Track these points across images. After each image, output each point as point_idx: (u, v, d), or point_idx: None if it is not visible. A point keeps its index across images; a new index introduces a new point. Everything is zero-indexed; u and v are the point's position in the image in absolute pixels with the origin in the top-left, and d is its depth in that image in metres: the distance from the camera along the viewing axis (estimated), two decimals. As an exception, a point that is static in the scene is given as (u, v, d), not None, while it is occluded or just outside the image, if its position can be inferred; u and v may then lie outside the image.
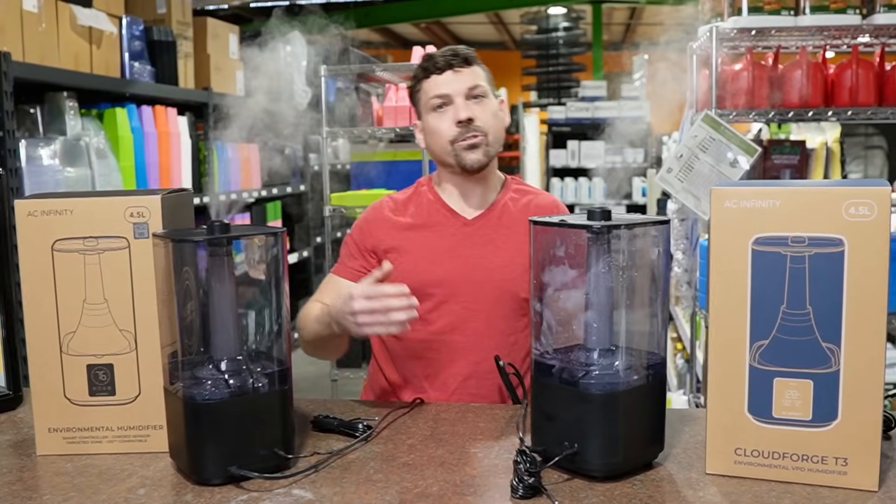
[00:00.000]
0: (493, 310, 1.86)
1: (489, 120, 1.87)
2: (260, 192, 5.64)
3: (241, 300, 1.37)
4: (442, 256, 1.89)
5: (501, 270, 1.87)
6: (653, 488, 1.27)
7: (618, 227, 1.28)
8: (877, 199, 1.20)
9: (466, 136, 1.84)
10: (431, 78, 1.89)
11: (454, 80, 1.87)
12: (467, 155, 1.85)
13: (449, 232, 1.91)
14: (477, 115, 1.85)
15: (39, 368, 1.46)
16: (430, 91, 1.89)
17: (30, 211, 1.42)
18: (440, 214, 1.93)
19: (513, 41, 14.22)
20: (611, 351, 1.33)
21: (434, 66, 1.88)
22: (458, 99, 1.86)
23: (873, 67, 2.95)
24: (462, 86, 1.86)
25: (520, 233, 1.89)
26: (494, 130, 1.89)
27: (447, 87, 1.87)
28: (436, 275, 1.87)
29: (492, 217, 1.93)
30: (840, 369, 1.24)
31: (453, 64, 1.87)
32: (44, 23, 3.67)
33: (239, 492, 1.28)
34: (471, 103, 1.86)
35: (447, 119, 1.86)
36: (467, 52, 1.90)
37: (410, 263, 1.88)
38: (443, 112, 1.87)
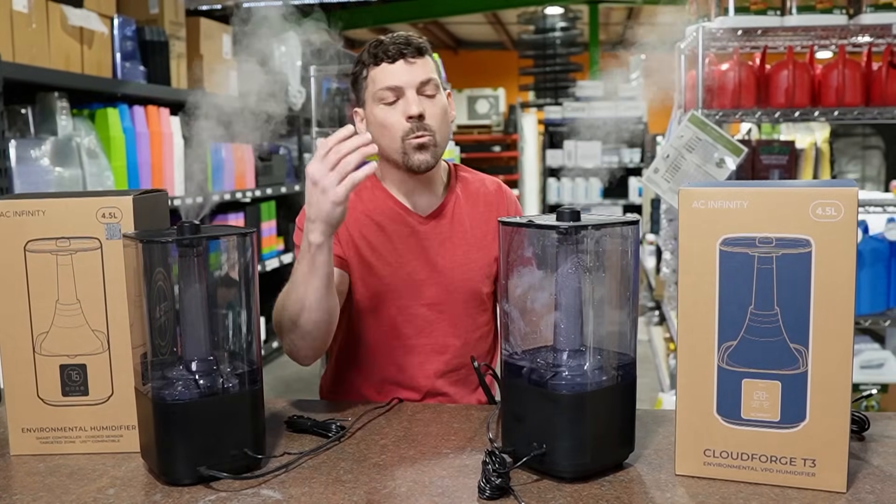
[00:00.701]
0: (457, 309, 1.84)
1: (439, 118, 1.78)
2: (254, 192, 5.65)
3: (211, 301, 1.37)
4: (403, 259, 1.83)
5: (461, 269, 1.84)
6: (621, 489, 1.27)
7: (586, 227, 1.28)
8: (843, 199, 1.20)
9: (417, 133, 1.74)
10: (381, 66, 1.76)
11: (406, 72, 1.75)
12: (415, 156, 1.75)
13: (406, 233, 1.84)
14: (428, 111, 1.76)
15: (12, 369, 1.46)
16: (380, 81, 1.75)
17: (2, 211, 1.42)
18: (394, 213, 1.84)
19: (510, 41, 14.22)
20: (580, 352, 1.33)
21: (385, 54, 1.75)
22: (410, 92, 1.74)
23: (860, 67, 2.95)
24: (414, 78, 1.75)
25: (473, 227, 1.87)
26: (443, 130, 1.79)
27: (398, 78, 1.74)
28: (399, 279, 1.82)
29: (446, 213, 1.87)
30: (808, 370, 1.24)
31: (406, 54, 1.75)
32: (34, 23, 3.67)
33: (208, 492, 1.28)
34: (422, 98, 1.76)
35: (397, 113, 1.75)
36: (420, 42, 1.78)
37: (371, 268, 1.82)
38: (392, 106, 1.75)
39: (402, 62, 1.75)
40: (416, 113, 1.73)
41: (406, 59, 1.75)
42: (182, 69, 4.85)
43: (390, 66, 1.75)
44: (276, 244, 6.06)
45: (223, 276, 1.40)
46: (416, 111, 1.73)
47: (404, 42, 1.76)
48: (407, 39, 1.77)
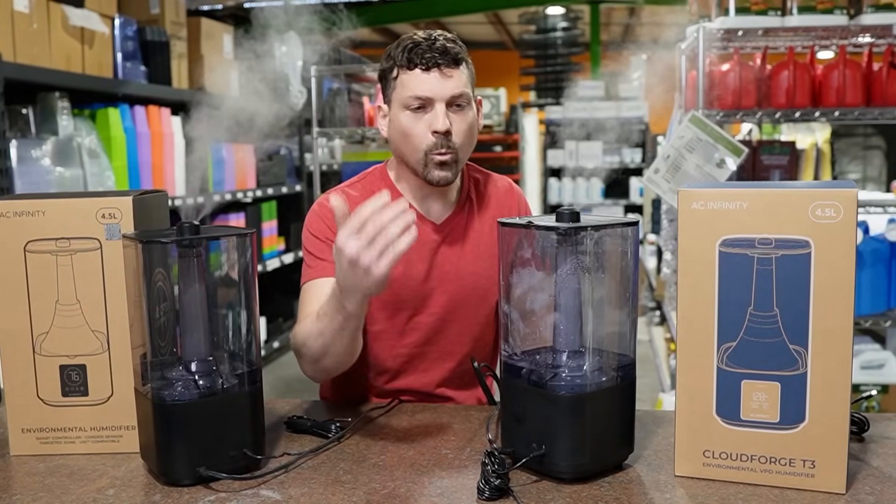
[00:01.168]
0: (465, 317, 1.81)
1: (465, 134, 1.71)
2: (255, 192, 5.65)
3: (211, 301, 1.37)
4: (413, 268, 1.77)
5: (471, 278, 1.80)
6: (620, 490, 1.27)
7: (585, 228, 1.28)
8: (843, 200, 1.20)
9: (440, 149, 1.68)
10: (414, 72, 1.67)
11: (439, 84, 1.66)
12: (436, 171, 1.70)
13: (421, 240, 1.66)
14: (455, 128, 1.69)
15: (12, 369, 1.46)
16: (410, 88, 1.67)
17: (2, 212, 1.42)
18: None
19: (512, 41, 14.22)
20: (579, 353, 1.33)
21: (421, 59, 1.66)
22: (439, 106, 1.67)
23: (861, 68, 2.95)
24: (446, 91, 1.67)
25: (485, 232, 1.83)
26: (467, 146, 1.74)
27: (430, 90, 1.66)
28: (409, 290, 1.77)
29: (459, 222, 1.82)
30: (807, 371, 1.24)
31: (441, 64, 1.66)
32: (35, 23, 3.68)
33: (207, 492, 1.28)
34: (451, 112, 1.69)
35: (423, 124, 1.68)
36: (458, 51, 1.69)
37: None
38: (419, 115, 1.68)
39: (436, 72, 1.67)
40: (444, 130, 1.66)
41: (441, 70, 1.67)
42: (183, 69, 4.85)
43: (424, 74, 1.67)
44: (277, 244, 6.06)
45: (223, 277, 1.40)
46: (443, 128, 1.66)
47: (441, 50, 1.67)
48: (445, 48, 1.67)
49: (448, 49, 1.67)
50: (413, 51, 1.67)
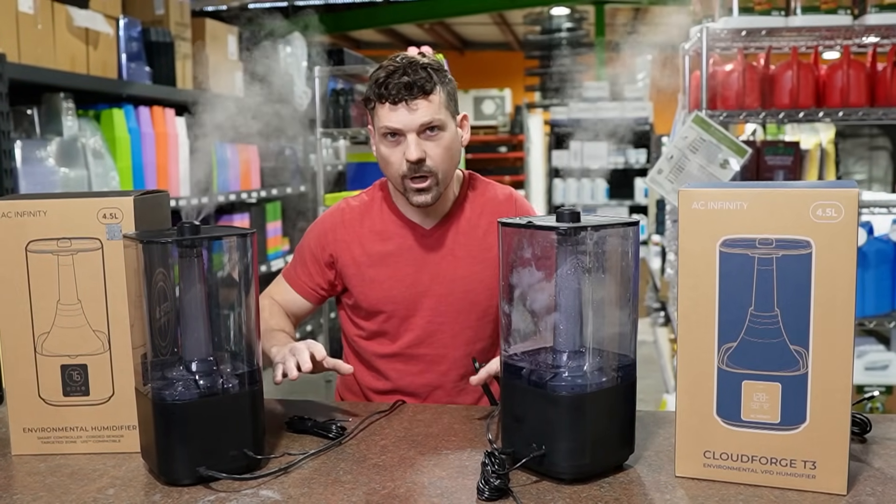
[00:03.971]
0: (457, 321, 1.84)
1: (441, 157, 1.74)
2: (259, 192, 5.65)
3: (211, 301, 1.37)
4: (404, 271, 1.84)
5: (463, 281, 1.83)
6: (620, 491, 1.27)
7: (585, 228, 1.28)
8: (844, 201, 1.20)
9: (416, 176, 1.73)
10: (385, 105, 1.72)
11: (406, 116, 1.70)
12: (415, 196, 1.76)
13: (408, 245, 1.85)
14: (429, 153, 1.72)
15: (14, 369, 1.47)
16: (383, 119, 1.72)
17: (4, 212, 1.43)
18: (398, 226, 1.86)
19: (517, 42, 14.21)
20: (580, 353, 1.32)
21: (388, 94, 1.70)
22: (410, 136, 1.71)
23: (865, 68, 2.94)
24: (415, 122, 1.70)
25: (478, 237, 1.86)
26: (446, 167, 1.77)
27: (398, 122, 1.70)
28: (399, 291, 1.83)
29: (450, 225, 1.86)
30: (808, 372, 1.24)
31: (408, 99, 1.70)
32: (40, 24, 3.68)
33: (207, 492, 1.29)
34: (423, 140, 1.72)
35: (398, 152, 1.73)
36: (424, 81, 1.71)
37: (374, 281, 1.84)
38: (394, 144, 1.73)
39: (402, 106, 1.70)
40: (415, 159, 1.70)
41: (407, 104, 1.70)
42: (187, 70, 4.85)
43: (392, 107, 1.71)
44: (281, 244, 6.06)
45: (223, 277, 1.40)
46: (414, 157, 1.70)
47: (407, 86, 1.69)
48: (410, 82, 1.70)
49: (414, 82, 1.70)
50: (382, 85, 1.72)
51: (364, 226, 1.88)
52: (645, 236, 8.14)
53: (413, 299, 1.83)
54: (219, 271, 1.40)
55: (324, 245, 1.89)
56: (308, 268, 1.91)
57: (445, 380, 1.85)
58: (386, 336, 1.87)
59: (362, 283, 1.85)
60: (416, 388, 1.86)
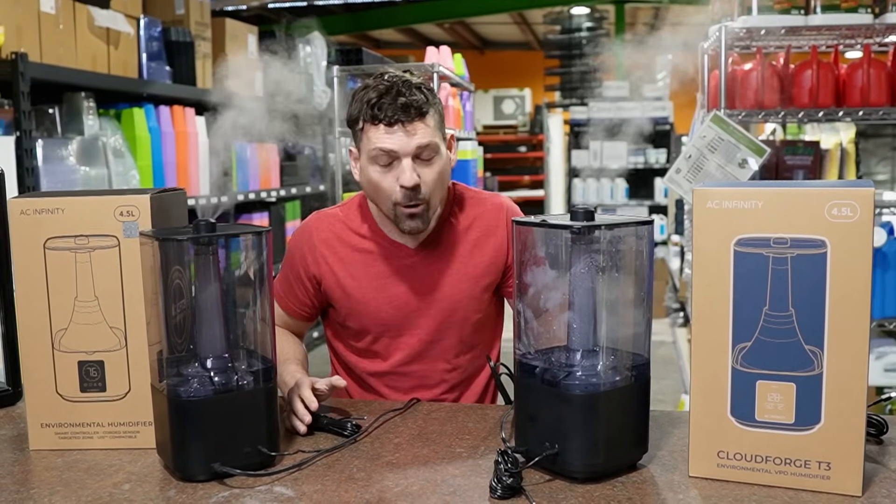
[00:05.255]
0: (446, 336, 1.83)
1: (434, 183, 1.70)
2: (279, 191, 5.68)
3: (227, 298, 1.38)
4: (391, 292, 1.81)
5: (450, 298, 1.81)
6: (633, 490, 1.26)
7: (599, 227, 1.28)
8: (860, 200, 1.19)
9: (409, 201, 1.68)
10: (378, 127, 1.65)
11: (403, 139, 1.65)
12: (407, 222, 1.71)
13: (395, 267, 1.81)
14: (424, 178, 1.68)
15: (32, 365, 1.48)
16: (375, 141, 1.66)
17: (22, 209, 1.44)
18: (382, 248, 1.82)
19: (537, 41, 14.19)
20: (594, 352, 1.32)
21: (384, 115, 1.64)
22: (406, 160, 1.66)
23: (886, 67, 2.91)
24: (410, 146, 1.65)
25: (466, 255, 1.83)
26: (438, 191, 1.73)
27: (393, 144, 1.65)
28: (388, 313, 1.81)
29: (436, 241, 1.82)
30: (823, 372, 1.23)
31: (404, 121, 1.64)
32: (61, 24, 3.72)
33: (222, 488, 1.29)
34: (418, 164, 1.68)
35: (391, 177, 1.68)
36: (420, 102, 1.65)
37: (361, 302, 1.81)
38: (387, 169, 1.68)
39: (399, 128, 1.65)
40: (411, 185, 1.65)
41: (404, 126, 1.65)
42: (207, 69, 4.88)
43: (387, 129, 1.65)
44: (300, 243, 6.08)
45: (238, 275, 1.41)
46: (411, 183, 1.65)
47: (404, 107, 1.64)
48: (407, 103, 1.64)
49: (410, 103, 1.64)
50: (376, 106, 1.65)
51: (346, 246, 1.83)
52: (664, 236, 8.10)
53: (403, 319, 1.82)
54: (234, 269, 1.41)
55: (306, 265, 1.84)
56: (294, 289, 1.87)
57: (435, 391, 1.86)
58: (377, 356, 1.86)
59: (349, 306, 1.83)
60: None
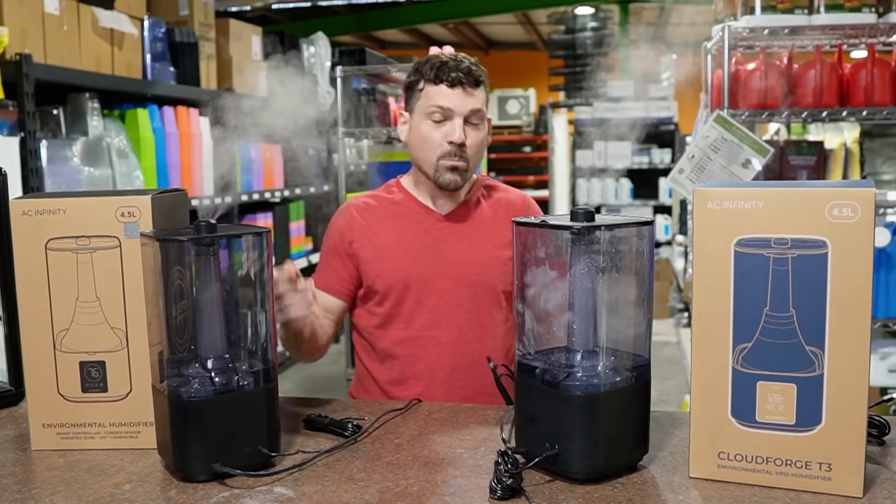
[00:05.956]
0: (472, 303, 1.91)
1: (476, 148, 1.89)
2: (283, 192, 5.68)
3: (227, 299, 1.38)
4: (419, 253, 1.92)
5: (478, 264, 1.92)
6: (633, 491, 1.26)
7: (599, 227, 1.28)
8: (861, 200, 1.19)
9: (453, 157, 1.86)
10: (440, 87, 1.86)
11: (460, 99, 1.85)
12: (447, 175, 1.87)
13: (423, 228, 1.94)
14: (469, 140, 1.87)
15: (34, 365, 1.48)
16: (433, 99, 1.86)
17: (24, 210, 1.45)
18: (414, 211, 1.97)
19: (541, 41, 14.18)
20: (594, 353, 1.32)
21: (447, 76, 1.85)
22: (458, 119, 1.85)
23: (890, 67, 2.90)
24: (466, 107, 1.86)
25: (493, 227, 1.95)
26: (476, 157, 1.91)
27: (451, 102, 1.85)
28: (415, 271, 1.90)
29: (465, 212, 1.97)
30: (824, 373, 1.22)
31: (465, 83, 1.85)
32: (65, 25, 3.73)
33: (222, 488, 1.30)
34: (467, 127, 1.87)
35: (440, 133, 1.86)
36: (479, 73, 1.89)
37: (389, 261, 1.92)
38: (439, 125, 1.86)
39: (459, 89, 1.85)
40: (459, 141, 1.84)
41: (464, 88, 1.85)
42: (211, 70, 4.89)
43: (448, 89, 1.85)
44: (304, 244, 6.09)
45: (239, 275, 1.41)
46: (459, 140, 1.84)
47: (466, 71, 1.86)
48: (469, 69, 1.86)
49: (472, 70, 1.87)
50: (441, 68, 1.86)
51: (380, 213, 1.98)
52: (669, 236, 8.09)
53: (428, 280, 1.90)
54: (235, 269, 1.41)
55: (343, 234, 1.97)
56: (332, 265, 1.98)
57: (461, 363, 1.90)
58: (400, 320, 1.92)
59: (379, 264, 1.92)
60: (433, 373, 1.89)
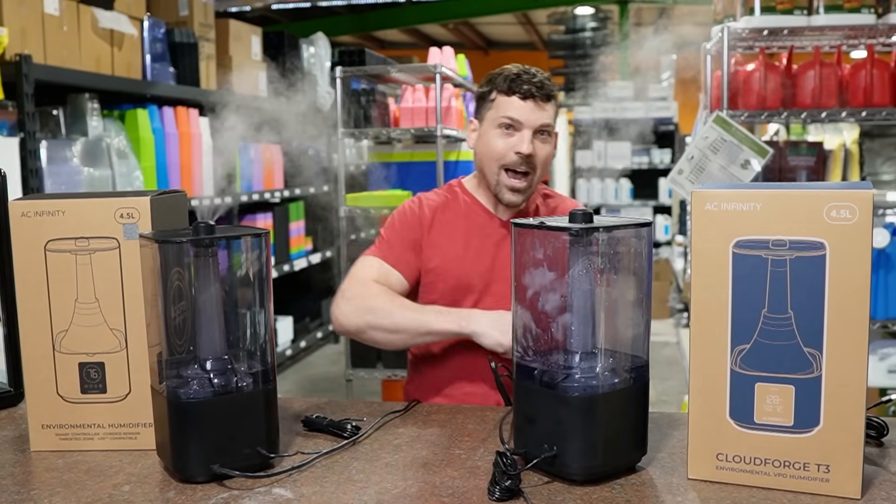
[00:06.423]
0: None
1: (542, 161, 1.91)
2: (283, 192, 5.68)
3: (226, 300, 1.38)
4: (481, 255, 1.95)
5: None
6: (632, 493, 1.26)
7: (597, 229, 1.28)
8: (858, 202, 1.19)
9: (518, 169, 1.89)
10: (512, 98, 1.89)
11: (531, 112, 1.88)
12: (507, 195, 1.92)
13: (486, 232, 1.98)
14: (536, 154, 1.89)
15: (33, 366, 1.49)
16: (504, 110, 1.89)
17: (23, 211, 1.45)
18: (477, 215, 1.99)
19: (541, 41, 14.18)
20: (592, 354, 1.32)
21: (519, 89, 1.88)
22: (527, 132, 1.88)
23: (889, 67, 2.91)
24: (536, 121, 1.88)
25: None
26: (542, 171, 1.94)
27: (522, 115, 1.88)
28: (477, 272, 1.94)
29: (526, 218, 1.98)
30: (822, 375, 1.23)
31: (537, 97, 1.88)
32: (65, 25, 3.73)
33: (221, 490, 1.30)
34: (536, 140, 1.89)
35: (508, 143, 1.89)
36: (551, 88, 1.91)
37: (453, 262, 1.95)
38: (507, 134, 1.89)
39: (531, 102, 1.88)
40: (527, 153, 1.87)
41: (536, 101, 1.88)
42: (211, 70, 4.89)
43: (520, 101, 1.88)
44: (304, 244, 6.09)
45: (238, 277, 1.41)
46: (527, 151, 1.87)
47: (539, 85, 1.88)
48: (542, 83, 1.89)
49: (545, 84, 1.90)
50: (514, 80, 1.89)
51: (447, 212, 2.01)
52: (669, 237, 8.09)
53: (487, 282, 1.94)
54: (234, 271, 1.41)
55: (410, 227, 1.98)
56: (406, 250, 1.98)
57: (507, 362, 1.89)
58: None
59: (444, 262, 1.95)
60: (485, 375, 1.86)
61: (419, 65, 4.24)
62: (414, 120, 4.01)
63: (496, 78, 1.93)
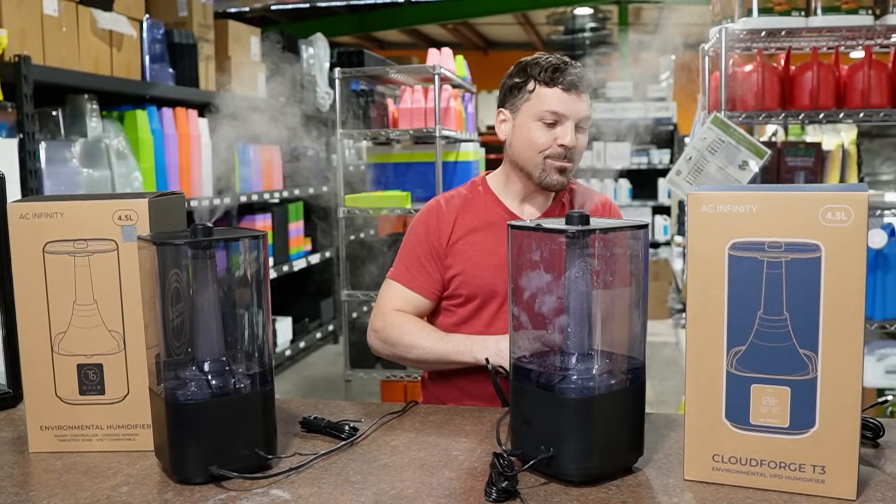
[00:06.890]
0: None
1: (580, 152, 1.90)
2: (282, 192, 5.68)
3: (224, 302, 1.39)
4: (504, 260, 1.88)
5: None
6: (628, 494, 1.27)
7: (594, 231, 1.28)
8: (854, 204, 1.19)
9: (562, 158, 1.86)
10: (553, 90, 1.85)
11: (574, 104, 1.85)
12: (554, 176, 1.88)
13: None
14: (577, 144, 1.87)
15: (31, 367, 1.49)
16: (547, 102, 1.85)
17: (22, 213, 1.45)
18: (501, 217, 1.94)
19: (540, 41, 14.18)
20: (589, 355, 1.33)
21: (561, 80, 1.84)
22: (570, 123, 1.85)
23: (887, 68, 2.91)
24: (578, 112, 1.85)
25: None
26: (578, 160, 1.92)
27: (566, 107, 1.84)
28: (500, 278, 1.89)
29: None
30: (818, 376, 1.23)
31: (579, 88, 1.85)
32: (64, 26, 3.73)
33: (218, 491, 1.30)
34: (577, 132, 1.87)
35: (550, 135, 1.86)
36: (590, 79, 1.88)
37: (476, 267, 1.92)
38: (549, 128, 1.86)
39: (574, 93, 1.84)
40: (571, 145, 1.85)
41: (577, 93, 1.85)
42: (210, 71, 4.89)
43: (563, 93, 1.84)
44: (303, 245, 6.09)
45: (236, 278, 1.41)
46: (571, 143, 1.85)
47: (581, 76, 1.85)
48: (581, 75, 1.85)
49: (584, 77, 1.87)
50: (556, 70, 1.85)
51: (469, 214, 1.97)
52: (668, 237, 8.10)
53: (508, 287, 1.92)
54: (231, 272, 1.41)
55: (438, 234, 1.96)
56: (425, 267, 1.96)
57: None
58: (479, 322, 1.93)
59: (467, 268, 1.92)
60: None
61: (418, 66, 4.24)
62: (413, 121, 4.01)
63: (532, 68, 1.88)
